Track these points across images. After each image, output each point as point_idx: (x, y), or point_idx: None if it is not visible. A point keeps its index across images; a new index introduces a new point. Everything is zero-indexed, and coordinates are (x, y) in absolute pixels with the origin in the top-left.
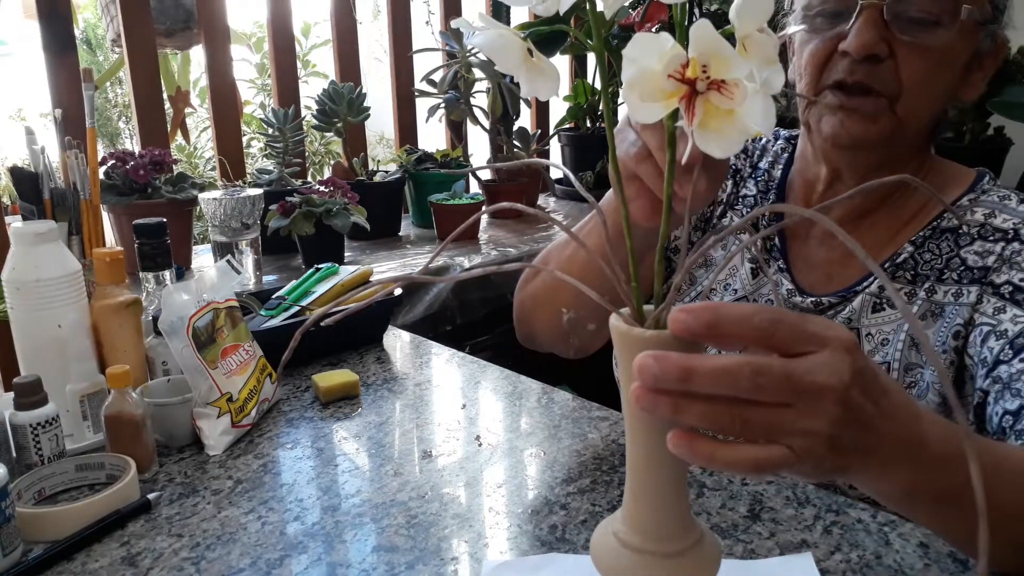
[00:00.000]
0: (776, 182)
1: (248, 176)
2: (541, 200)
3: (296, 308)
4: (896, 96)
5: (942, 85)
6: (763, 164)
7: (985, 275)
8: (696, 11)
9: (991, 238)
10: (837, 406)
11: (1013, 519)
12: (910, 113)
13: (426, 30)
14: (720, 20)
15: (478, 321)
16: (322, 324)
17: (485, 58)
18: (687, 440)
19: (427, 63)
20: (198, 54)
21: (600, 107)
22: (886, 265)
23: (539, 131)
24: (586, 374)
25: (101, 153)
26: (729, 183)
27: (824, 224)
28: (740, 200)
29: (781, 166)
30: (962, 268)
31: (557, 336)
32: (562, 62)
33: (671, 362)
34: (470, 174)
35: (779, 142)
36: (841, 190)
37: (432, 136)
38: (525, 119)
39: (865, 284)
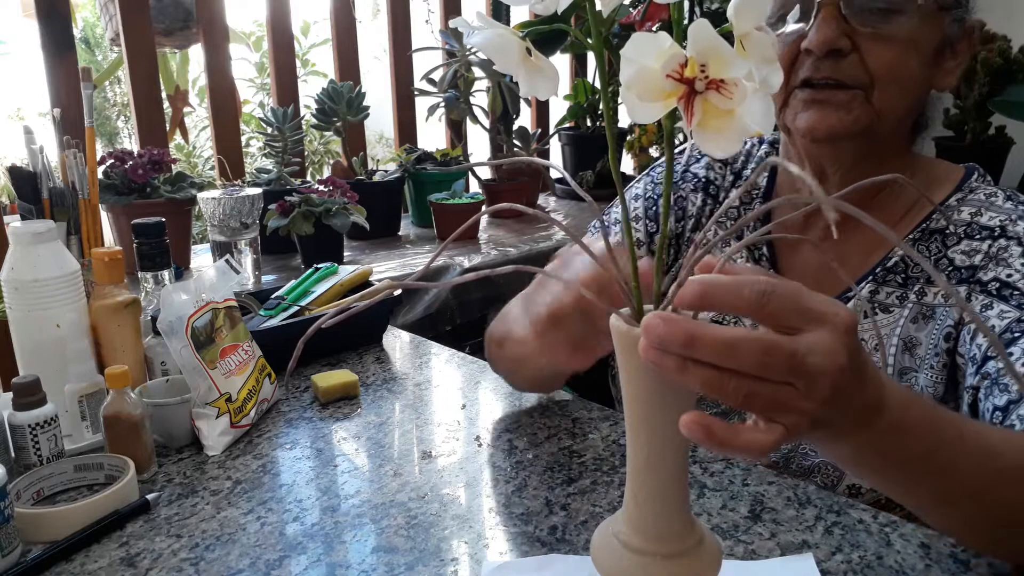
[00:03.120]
0: (761, 191)
1: (247, 175)
2: (541, 200)
3: (295, 308)
4: (869, 87)
5: (912, 73)
6: (748, 171)
7: (973, 274)
8: (697, 10)
9: (977, 236)
10: (830, 389)
11: (971, 496)
12: (885, 104)
13: (425, 29)
14: (720, 19)
15: (478, 321)
16: (323, 328)
17: (485, 57)
18: (703, 427)
19: (427, 62)
20: (197, 53)
21: (600, 106)
22: (877, 270)
23: (539, 130)
24: (586, 374)
25: (100, 152)
26: (700, 196)
27: (849, 211)
28: (724, 213)
29: (766, 173)
30: (950, 268)
31: (542, 388)
32: (562, 61)
33: (677, 326)
34: (469, 174)
35: (763, 147)
36: (827, 189)
37: (432, 135)
38: (525, 118)
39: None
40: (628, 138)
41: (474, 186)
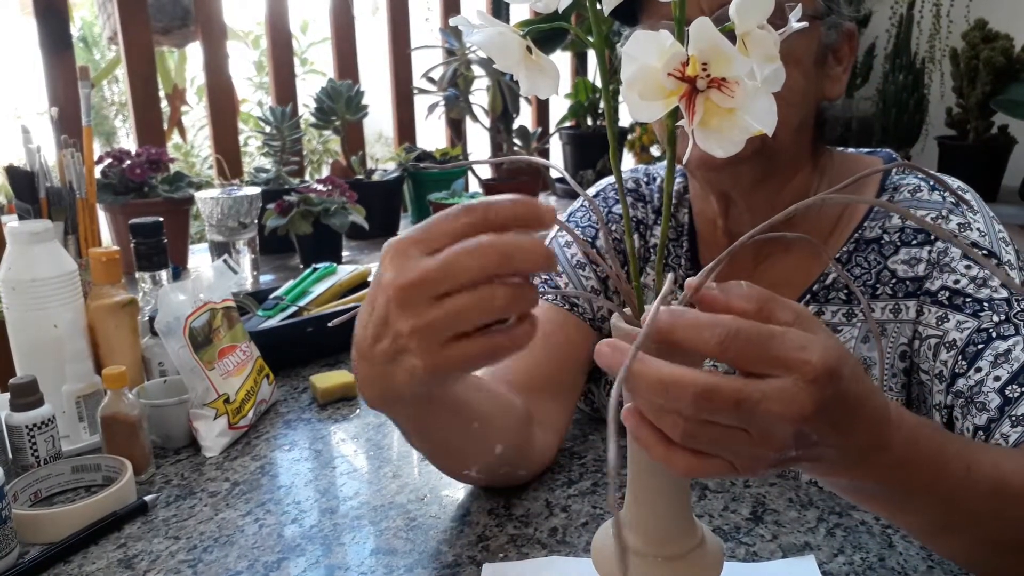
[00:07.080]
0: (686, 227)
1: (245, 175)
2: (541, 199)
3: (293, 308)
4: None
5: (797, 87)
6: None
7: (920, 286)
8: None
9: (914, 242)
10: (790, 438)
11: (973, 525)
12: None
13: (425, 27)
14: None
15: None
16: (323, 328)
17: (485, 55)
18: (635, 422)
19: (426, 60)
20: (195, 51)
21: (601, 105)
22: (815, 287)
23: (539, 129)
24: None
25: (97, 152)
26: (636, 238)
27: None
28: (652, 251)
29: (686, 209)
30: (894, 281)
31: (491, 475)
32: (563, 59)
33: (620, 357)
34: (469, 173)
35: (679, 179)
36: (736, 215)
37: (431, 134)
38: (525, 117)
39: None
40: (629, 137)
41: (474, 185)
